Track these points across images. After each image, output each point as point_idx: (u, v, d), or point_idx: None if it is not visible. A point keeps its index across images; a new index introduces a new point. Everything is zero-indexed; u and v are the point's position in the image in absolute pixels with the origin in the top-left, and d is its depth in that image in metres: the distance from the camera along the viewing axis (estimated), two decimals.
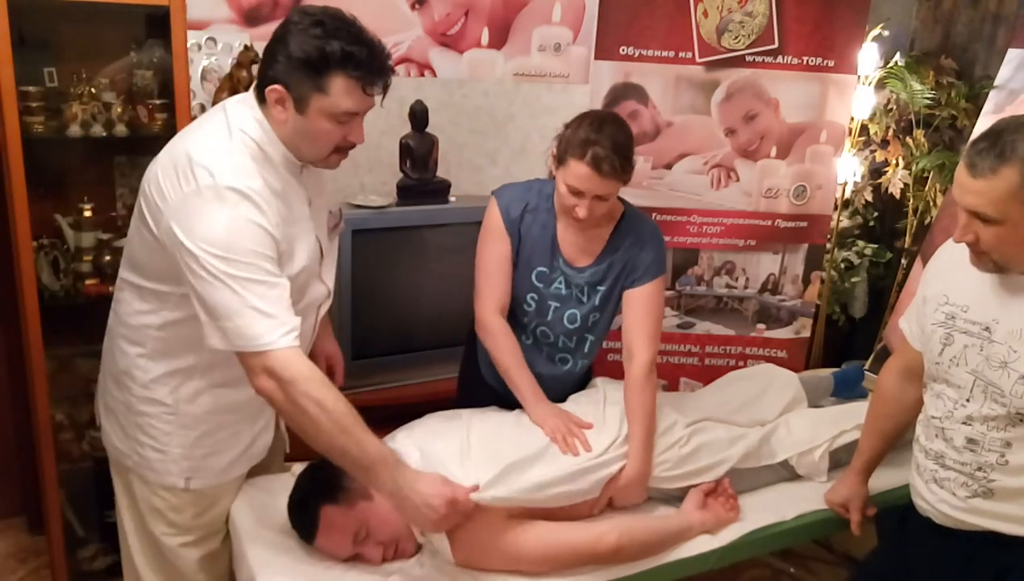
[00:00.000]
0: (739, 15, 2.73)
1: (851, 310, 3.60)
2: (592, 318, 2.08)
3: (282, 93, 1.58)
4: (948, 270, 1.71)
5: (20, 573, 2.67)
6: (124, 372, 1.74)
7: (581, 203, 1.89)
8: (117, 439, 1.80)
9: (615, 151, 1.86)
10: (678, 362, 3.04)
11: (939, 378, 1.69)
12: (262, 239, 1.56)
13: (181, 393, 1.73)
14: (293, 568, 1.68)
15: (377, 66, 1.60)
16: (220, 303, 1.53)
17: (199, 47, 2.64)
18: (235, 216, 1.53)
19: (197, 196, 1.54)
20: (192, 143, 1.61)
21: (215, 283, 1.52)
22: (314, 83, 1.57)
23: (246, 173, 1.58)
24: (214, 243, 1.52)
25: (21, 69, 2.12)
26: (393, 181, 2.85)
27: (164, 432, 1.74)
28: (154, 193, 1.60)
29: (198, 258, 1.52)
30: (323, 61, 1.55)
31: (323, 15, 1.58)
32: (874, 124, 3.26)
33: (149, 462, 1.76)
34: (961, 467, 1.63)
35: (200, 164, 1.55)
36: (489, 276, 2.02)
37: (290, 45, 1.56)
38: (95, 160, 2.51)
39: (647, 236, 2.05)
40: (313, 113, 1.59)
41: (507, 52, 3.11)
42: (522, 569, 1.68)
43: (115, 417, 1.80)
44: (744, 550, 1.94)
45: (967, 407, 1.62)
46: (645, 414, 1.94)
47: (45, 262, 2.31)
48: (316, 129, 1.61)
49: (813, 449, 2.11)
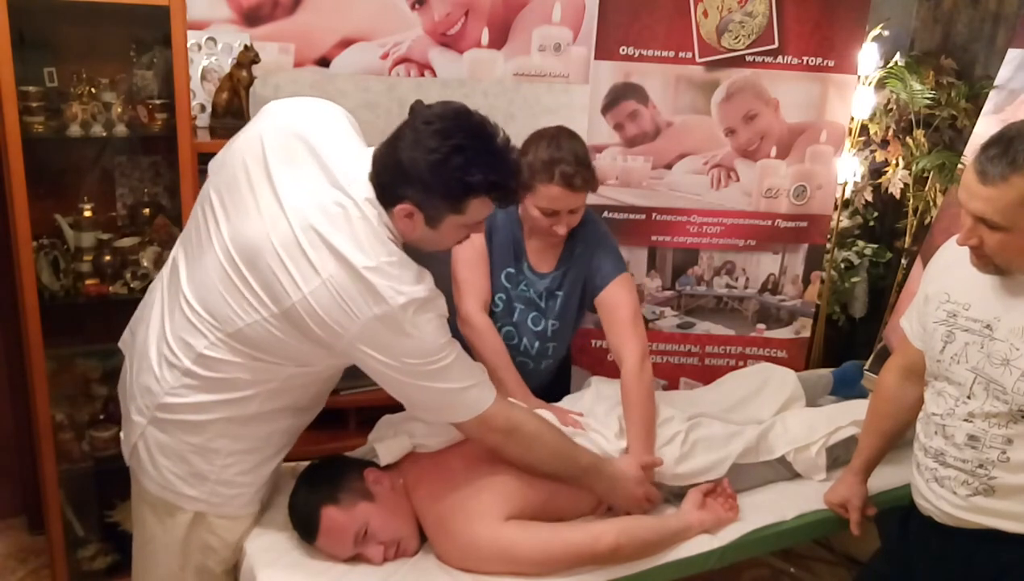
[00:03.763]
0: (739, 15, 2.73)
1: (851, 310, 3.60)
2: (552, 326, 2.10)
3: (412, 210, 1.52)
4: (949, 268, 1.71)
5: (20, 573, 2.66)
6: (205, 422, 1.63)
7: (558, 222, 1.93)
8: (184, 486, 1.66)
9: (580, 163, 1.89)
10: (678, 362, 3.04)
11: (940, 376, 1.69)
12: (445, 325, 1.58)
13: (274, 427, 1.70)
14: (294, 568, 1.68)
15: (514, 189, 1.57)
16: (430, 399, 1.60)
17: (199, 47, 2.63)
18: (433, 326, 1.53)
19: (395, 316, 1.48)
20: (359, 257, 1.48)
21: (421, 384, 1.56)
22: (451, 207, 1.52)
23: (417, 273, 1.53)
24: (418, 356, 1.53)
25: (21, 69, 2.12)
26: None
27: (256, 463, 1.70)
28: (328, 310, 1.48)
29: (400, 368, 1.53)
30: (465, 193, 1.50)
31: (459, 134, 1.49)
32: (874, 124, 3.26)
33: (231, 499, 1.70)
34: (962, 464, 1.63)
35: (383, 284, 1.47)
36: (471, 270, 2.02)
37: (424, 173, 1.48)
38: (95, 160, 2.51)
39: (596, 239, 2.08)
40: (446, 227, 1.56)
41: (507, 52, 3.11)
42: (521, 570, 1.68)
43: (184, 464, 1.65)
44: (744, 550, 1.94)
45: (968, 404, 1.62)
46: (644, 409, 1.95)
47: (45, 262, 2.31)
48: (447, 237, 1.59)
49: (810, 445, 2.12)
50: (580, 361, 2.42)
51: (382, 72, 2.93)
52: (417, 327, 1.50)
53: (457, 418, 1.64)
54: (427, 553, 1.75)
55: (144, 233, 2.46)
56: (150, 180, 2.56)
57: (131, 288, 2.36)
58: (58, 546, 2.44)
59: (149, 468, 1.67)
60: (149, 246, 2.41)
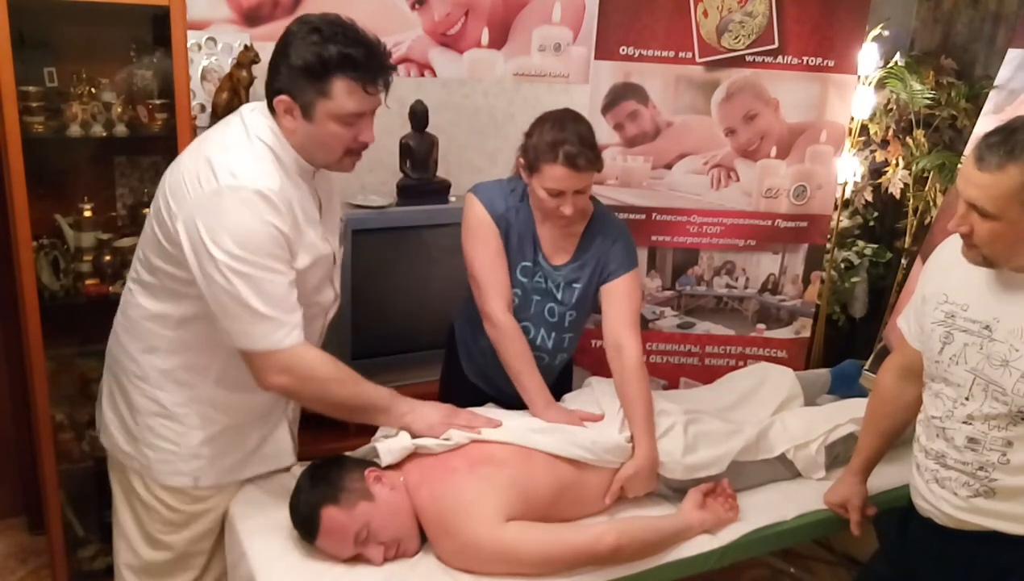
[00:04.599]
0: (739, 15, 2.73)
1: (851, 310, 3.60)
2: (569, 316, 2.11)
3: (289, 103, 1.62)
4: (947, 268, 1.71)
5: (20, 573, 2.67)
6: (135, 375, 1.76)
7: (564, 202, 1.93)
8: (123, 442, 1.81)
9: (584, 144, 1.90)
10: (678, 362, 3.04)
11: (938, 377, 1.68)
12: (277, 239, 1.61)
13: (193, 393, 1.76)
14: (294, 568, 1.68)
15: (376, 65, 1.62)
16: (229, 304, 1.60)
17: (199, 47, 2.64)
18: (254, 216, 1.58)
19: (218, 196, 1.58)
20: (213, 147, 1.65)
21: (226, 284, 1.58)
22: (317, 89, 1.60)
23: (266, 175, 1.62)
24: (230, 242, 1.57)
25: (21, 69, 2.12)
26: (393, 181, 2.85)
27: (176, 432, 1.77)
28: (174, 193, 1.63)
29: (214, 258, 1.57)
30: (322, 66, 1.58)
31: (320, 22, 1.61)
32: (874, 124, 3.26)
33: (157, 463, 1.78)
34: (963, 467, 1.63)
35: (222, 165, 1.59)
36: (491, 270, 2.02)
37: (291, 55, 1.60)
38: (95, 160, 2.51)
39: (617, 232, 2.10)
40: (320, 118, 1.63)
41: (507, 52, 3.11)
42: (522, 571, 1.68)
43: (121, 421, 1.81)
44: (744, 550, 1.94)
45: (967, 406, 1.61)
46: (645, 402, 1.96)
47: (45, 262, 2.31)
48: (325, 133, 1.65)
49: (809, 443, 2.13)
50: (580, 361, 2.42)
51: None
52: (241, 214, 1.57)
53: (246, 344, 1.63)
54: (427, 553, 1.75)
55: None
56: (150, 180, 2.57)
57: None
58: (58, 546, 2.44)
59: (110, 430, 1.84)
60: None
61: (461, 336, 2.22)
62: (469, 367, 2.21)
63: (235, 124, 1.70)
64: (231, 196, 1.58)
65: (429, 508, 1.73)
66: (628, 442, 1.94)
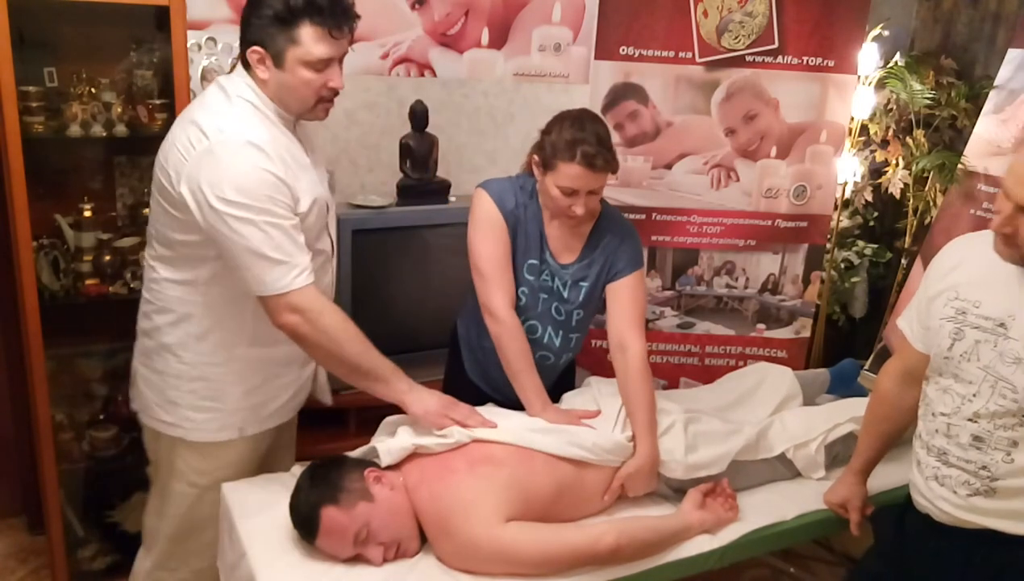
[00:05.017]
0: (739, 15, 2.73)
1: (851, 310, 3.60)
2: (576, 315, 2.11)
3: (261, 53, 1.72)
4: (957, 267, 1.69)
5: (20, 573, 2.67)
6: (171, 347, 1.86)
7: (576, 201, 1.94)
8: (163, 413, 1.92)
9: (601, 145, 1.92)
10: (678, 362, 3.04)
11: (946, 373, 1.67)
12: (275, 184, 1.70)
13: (231, 353, 1.87)
14: (294, 568, 1.68)
15: (340, 10, 1.72)
16: (239, 253, 1.69)
17: (199, 47, 2.63)
18: (248, 164, 1.68)
19: (209, 152, 1.67)
20: (197, 112, 1.75)
21: (232, 234, 1.67)
22: (286, 36, 1.70)
23: (252, 127, 1.72)
24: (231, 191, 1.66)
25: (21, 69, 2.12)
26: (393, 181, 2.85)
27: (218, 391, 1.88)
28: (171, 162, 1.73)
29: (216, 210, 1.66)
30: (289, 13, 1.68)
31: None
32: (874, 124, 3.26)
33: (204, 422, 1.90)
34: (965, 465, 1.62)
35: (209, 124, 1.70)
36: (497, 266, 2.01)
37: (260, 6, 1.71)
38: (95, 160, 2.51)
39: (625, 232, 2.11)
40: (290, 65, 1.72)
41: (507, 52, 3.11)
42: (522, 571, 1.68)
43: (159, 391, 1.91)
44: (744, 550, 1.94)
45: (973, 403, 1.60)
46: (648, 402, 1.97)
47: (45, 262, 2.31)
48: (297, 80, 1.74)
49: (809, 442, 2.13)
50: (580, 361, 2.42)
51: (382, 72, 2.94)
52: (235, 164, 1.67)
53: (260, 290, 1.73)
54: (427, 554, 1.75)
55: (144, 233, 2.46)
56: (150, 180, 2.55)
57: (131, 288, 2.36)
58: (58, 546, 2.44)
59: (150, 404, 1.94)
60: None
61: (465, 336, 2.22)
62: (471, 367, 2.21)
63: (213, 91, 1.79)
64: (223, 149, 1.68)
65: (428, 508, 1.73)
66: (629, 441, 1.94)
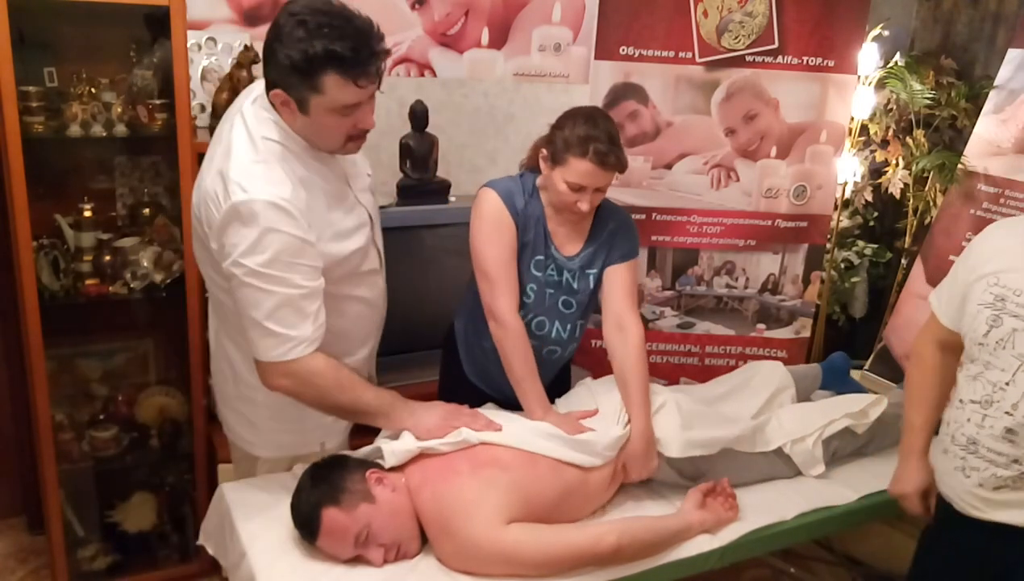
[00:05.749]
0: (739, 15, 2.73)
1: (851, 310, 3.60)
2: (584, 304, 2.13)
3: (284, 97, 1.63)
4: (1001, 251, 1.65)
5: (20, 573, 2.67)
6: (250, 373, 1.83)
7: (583, 197, 1.96)
8: (248, 433, 1.97)
9: (613, 143, 1.93)
10: (678, 362, 3.04)
11: (979, 360, 1.63)
12: (297, 248, 1.63)
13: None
14: (294, 568, 1.68)
15: (365, 57, 1.59)
16: (243, 313, 1.66)
17: (199, 47, 2.63)
18: (267, 229, 1.59)
19: (231, 213, 1.60)
20: (223, 160, 1.65)
21: (240, 297, 1.64)
22: (308, 85, 1.60)
23: (276, 182, 1.62)
24: (245, 257, 1.60)
25: (21, 69, 2.12)
26: (393, 181, 2.85)
27: (301, 410, 1.84)
28: (202, 215, 1.69)
29: (231, 270, 1.62)
30: (309, 64, 1.57)
31: (306, 12, 1.58)
32: (874, 124, 3.26)
33: (289, 441, 1.96)
34: (996, 457, 1.59)
35: (233, 181, 1.61)
36: (504, 268, 2.00)
37: (278, 51, 1.59)
38: (95, 160, 2.51)
39: (624, 220, 2.15)
40: (315, 112, 1.63)
41: (507, 52, 3.11)
42: (523, 572, 1.68)
43: (240, 416, 1.96)
44: (744, 550, 1.95)
45: (1006, 391, 1.57)
46: (643, 382, 2.00)
47: (45, 262, 2.31)
48: (323, 125, 1.66)
49: (805, 437, 2.15)
50: (580, 361, 2.42)
51: None
52: (251, 228, 1.59)
53: (254, 353, 1.71)
54: (428, 555, 1.75)
55: (144, 233, 2.46)
56: (150, 180, 2.57)
57: (131, 288, 2.36)
58: (58, 546, 2.44)
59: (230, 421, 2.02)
60: (149, 246, 2.41)
61: (464, 336, 2.21)
62: (470, 367, 2.20)
63: (238, 130, 1.69)
64: (243, 211, 1.59)
65: (430, 508, 1.73)
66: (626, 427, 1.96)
